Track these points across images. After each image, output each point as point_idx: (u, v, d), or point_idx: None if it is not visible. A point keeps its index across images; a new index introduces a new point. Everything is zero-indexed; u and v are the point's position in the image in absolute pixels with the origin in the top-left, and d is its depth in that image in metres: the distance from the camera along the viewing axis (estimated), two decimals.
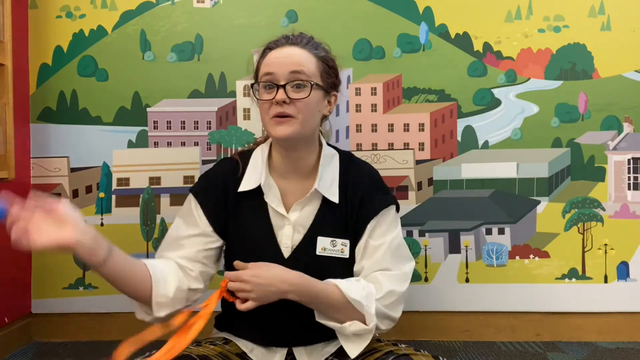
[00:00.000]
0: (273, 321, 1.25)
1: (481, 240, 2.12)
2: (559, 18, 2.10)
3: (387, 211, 1.29)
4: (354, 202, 1.28)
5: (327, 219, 1.27)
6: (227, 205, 1.30)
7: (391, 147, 2.13)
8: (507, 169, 2.12)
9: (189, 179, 2.13)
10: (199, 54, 2.13)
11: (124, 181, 2.14)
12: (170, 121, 2.14)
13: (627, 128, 2.10)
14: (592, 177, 2.11)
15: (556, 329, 2.11)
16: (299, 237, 1.26)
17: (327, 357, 1.28)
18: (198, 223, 1.29)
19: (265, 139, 1.38)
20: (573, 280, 2.11)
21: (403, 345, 1.28)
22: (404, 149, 2.13)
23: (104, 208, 2.14)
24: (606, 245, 2.10)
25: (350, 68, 2.11)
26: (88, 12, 2.13)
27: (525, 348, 2.04)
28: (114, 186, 2.14)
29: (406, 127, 2.13)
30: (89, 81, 2.13)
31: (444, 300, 2.12)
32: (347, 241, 1.27)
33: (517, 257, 2.11)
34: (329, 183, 1.28)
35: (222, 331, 1.36)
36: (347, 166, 1.32)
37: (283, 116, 1.20)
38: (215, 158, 2.13)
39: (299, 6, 2.11)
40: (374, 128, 2.14)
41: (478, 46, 2.11)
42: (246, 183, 1.29)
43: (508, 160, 2.11)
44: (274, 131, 1.21)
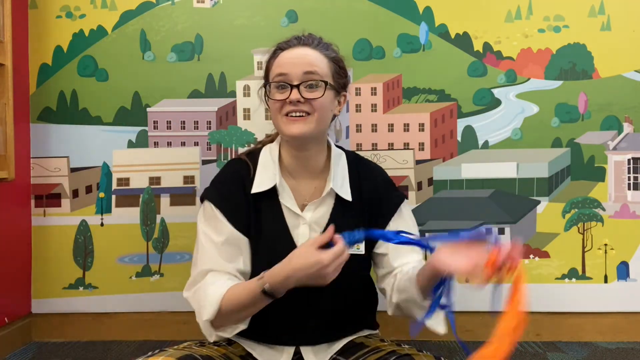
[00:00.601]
0: (281, 321, 1.25)
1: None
2: (559, 18, 2.10)
3: (404, 206, 1.35)
4: (369, 200, 1.31)
5: (343, 217, 1.28)
6: (246, 206, 1.28)
7: (391, 147, 2.13)
8: (507, 169, 2.12)
9: (189, 179, 2.13)
10: (199, 54, 2.13)
11: (124, 181, 2.14)
12: (170, 121, 2.14)
13: (627, 128, 2.10)
14: (592, 177, 2.11)
15: (556, 329, 2.11)
16: (314, 236, 1.26)
17: (332, 356, 1.29)
18: (223, 229, 1.26)
19: (271, 139, 1.38)
20: (573, 280, 2.11)
21: (405, 345, 1.29)
22: (404, 149, 2.13)
23: (104, 208, 2.14)
24: (606, 245, 2.11)
25: (350, 68, 2.09)
26: (88, 12, 2.13)
27: (525, 348, 2.04)
28: (114, 186, 2.14)
29: (406, 127, 2.13)
30: (89, 81, 2.13)
31: None
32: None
33: None
34: (341, 182, 1.30)
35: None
36: (357, 165, 1.36)
37: (297, 114, 1.22)
38: (215, 158, 2.13)
39: (299, 6, 2.11)
40: (374, 128, 2.14)
41: (478, 46, 2.11)
42: (259, 184, 1.28)
43: (508, 160, 2.12)
44: (288, 129, 1.22)
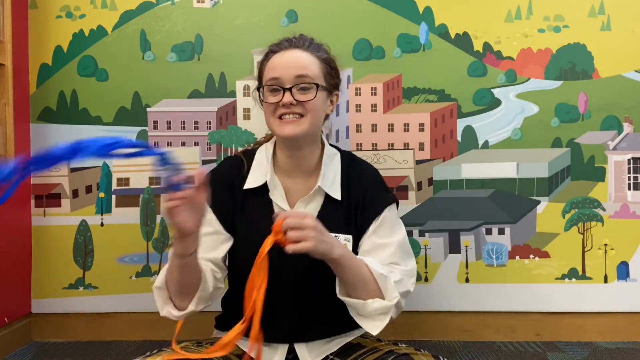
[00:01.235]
0: (275, 317, 1.26)
1: (481, 240, 2.12)
2: (559, 18, 2.10)
3: (390, 209, 1.33)
4: (357, 200, 1.32)
5: (330, 215, 1.29)
6: (234, 202, 1.32)
7: (391, 147, 2.13)
8: (507, 169, 2.12)
9: (189, 179, 2.13)
10: (199, 54, 2.13)
11: (124, 181, 2.14)
12: (170, 121, 2.14)
13: (627, 128, 2.10)
14: (592, 177, 2.11)
15: (556, 329, 2.11)
16: None
17: (328, 355, 1.29)
18: (212, 222, 1.30)
19: (267, 139, 1.41)
20: (573, 280, 2.11)
21: (403, 345, 1.29)
22: (404, 149, 2.13)
23: (104, 208, 2.14)
24: (606, 245, 2.10)
25: (350, 68, 2.11)
26: (88, 12, 2.13)
27: (525, 348, 2.03)
28: (114, 186, 2.14)
29: (406, 127, 2.13)
30: (89, 81, 2.13)
31: (444, 300, 2.12)
32: (350, 237, 1.30)
33: (517, 257, 2.11)
34: (331, 181, 1.32)
35: (223, 331, 1.36)
36: (349, 165, 1.37)
37: (290, 116, 1.25)
38: (215, 158, 2.13)
39: (299, 6, 2.11)
40: (374, 128, 2.14)
41: (478, 46, 2.11)
42: (252, 180, 1.33)
43: (508, 160, 2.11)
44: (282, 131, 1.26)
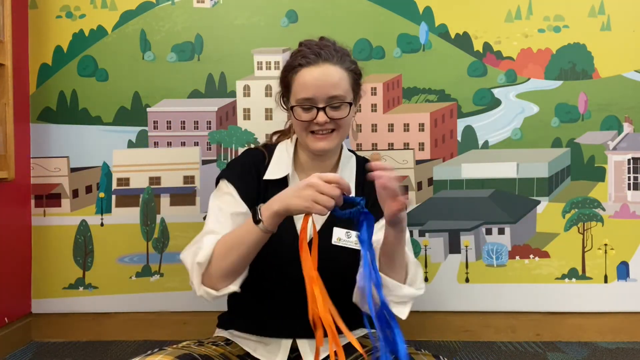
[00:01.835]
0: (278, 312, 1.27)
1: (481, 240, 2.12)
2: (559, 18, 2.10)
3: None
4: (369, 200, 1.32)
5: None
6: (258, 189, 1.35)
7: (391, 147, 2.13)
8: (507, 169, 2.12)
9: (189, 179, 2.13)
10: (199, 54, 2.13)
11: (124, 181, 2.14)
12: (170, 121, 2.14)
13: (627, 128, 2.10)
14: (592, 177, 2.11)
15: (556, 329, 2.11)
16: (317, 227, 1.28)
17: (329, 354, 1.29)
18: (241, 204, 1.32)
19: (284, 135, 1.47)
20: (573, 280, 2.11)
21: (404, 345, 1.29)
22: (404, 149, 2.13)
23: (104, 208, 2.14)
24: (606, 245, 2.10)
25: None
26: (88, 12, 2.13)
27: (525, 348, 2.04)
28: (114, 186, 2.14)
29: (406, 127, 2.13)
30: (89, 81, 2.13)
31: (444, 300, 2.12)
32: (353, 232, 1.32)
33: (517, 257, 2.11)
34: (347, 180, 1.32)
35: (226, 329, 1.37)
36: (363, 167, 1.39)
37: (324, 133, 1.30)
38: (215, 158, 2.13)
39: (299, 6, 2.11)
40: (374, 128, 2.14)
41: (478, 46, 2.11)
42: (272, 172, 1.36)
43: (508, 160, 2.11)
44: (315, 146, 1.31)
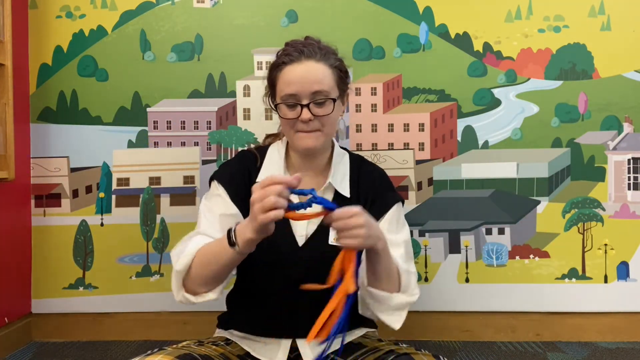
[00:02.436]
0: (277, 312, 1.27)
1: (481, 240, 2.12)
2: (559, 18, 2.10)
3: (397, 206, 1.37)
4: (366, 197, 1.35)
5: None
6: (248, 192, 1.32)
7: (391, 147, 2.13)
8: (507, 169, 2.12)
9: (189, 179, 2.13)
10: (199, 54, 2.13)
11: (124, 181, 2.14)
12: (170, 121, 2.14)
13: (627, 128, 2.10)
14: (592, 177, 2.11)
15: (556, 329, 2.11)
16: (313, 228, 1.31)
17: (329, 354, 1.29)
18: (230, 206, 1.32)
19: (277, 137, 1.46)
20: (573, 280, 2.11)
21: (404, 345, 1.29)
22: (404, 149, 2.13)
23: (104, 208, 2.14)
24: (606, 245, 2.10)
25: (350, 68, 2.09)
26: (88, 12, 2.13)
27: (525, 348, 2.04)
28: (114, 186, 2.14)
29: (406, 127, 2.13)
30: (89, 81, 2.13)
31: (444, 300, 2.12)
32: None
33: (517, 257, 2.11)
34: (341, 178, 1.36)
35: (226, 329, 1.37)
36: (359, 165, 1.42)
37: (310, 130, 1.29)
38: (215, 158, 2.13)
39: (299, 6, 2.11)
40: (374, 128, 2.14)
41: (478, 46, 2.11)
42: (264, 174, 1.36)
43: (508, 160, 2.11)
44: (302, 144, 1.30)
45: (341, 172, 1.37)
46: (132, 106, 2.13)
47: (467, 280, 2.12)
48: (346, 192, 1.34)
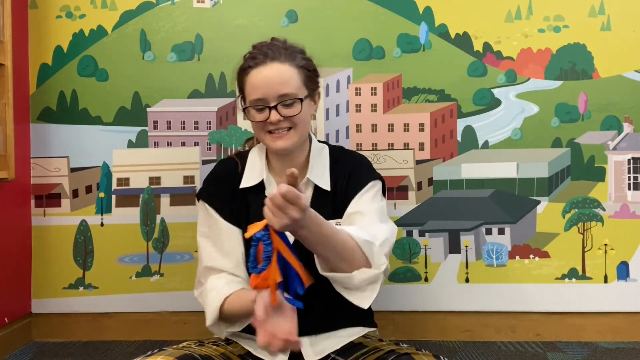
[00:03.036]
0: None
1: (481, 240, 2.12)
2: (559, 18, 2.10)
3: (373, 184, 1.35)
4: (342, 185, 1.35)
5: (320, 205, 1.30)
6: (235, 200, 1.36)
7: (391, 147, 2.13)
8: (507, 169, 2.12)
9: (189, 179, 2.13)
10: (199, 54, 2.13)
11: (124, 181, 2.14)
12: (170, 121, 2.14)
13: (627, 128, 2.10)
14: (592, 177, 2.11)
15: (556, 329, 2.11)
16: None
17: (330, 354, 1.29)
18: (217, 224, 1.34)
19: (258, 141, 1.45)
20: (573, 280, 2.11)
21: (404, 345, 1.29)
22: (404, 149, 2.13)
23: (104, 208, 2.14)
24: (606, 245, 2.10)
25: (350, 68, 2.11)
26: (88, 12, 2.13)
27: (525, 348, 2.04)
28: (114, 186, 2.14)
29: (406, 127, 2.13)
30: (89, 81, 2.13)
31: (444, 300, 2.12)
32: (340, 220, 1.33)
33: (517, 257, 2.11)
34: (321, 172, 1.36)
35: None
36: (337, 156, 1.41)
37: (280, 131, 1.29)
38: (215, 158, 2.13)
39: (299, 6, 2.11)
40: (374, 128, 2.14)
41: (478, 46, 2.11)
42: (247, 180, 1.37)
43: (508, 160, 2.11)
44: (273, 144, 1.30)
45: (320, 167, 1.37)
46: (132, 106, 2.13)
47: (467, 280, 2.12)
48: (326, 186, 1.34)
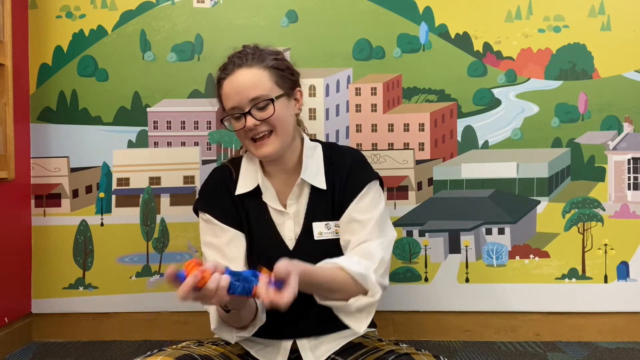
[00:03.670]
0: (277, 313, 1.27)
1: (481, 240, 2.12)
2: (559, 18, 2.10)
3: (370, 185, 1.34)
4: (340, 183, 1.34)
5: (318, 205, 1.33)
6: (235, 205, 1.35)
7: (391, 147, 2.13)
8: (507, 169, 2.12)
9: (189, 179, 2.13)
10: (199, 54, 2.13)
11: (124, 181, 2.14)
12: (170, 121, 2.14)
13: (627, 128, 2.10)
14: (592, 177, 2.11)
15: (556, 329, 2.11)
16: (299, 229, 1.32)
17: (330, 355, 1.29)
18: (222, 232, 1.33)
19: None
20: (573, 280, 2.11)
21: (404, 345, 1.29)
22: (404, 149, 2.13)
23: (104, 208, 2.14)
24: (606, 245, 2.10)
25: (350, 68, 2.11)
26: (88, 12, 2.13)
27: (525, 348, 2.04)
28: (114, 186, 2.14)
29: (406, 127, 2.13)
30: (89, 81, 2.13)
31: (444, 300, 2.12)
32: (338, 222, 1.32)
33: (517, 257, 2.11)
34: (315, 172, 1.35)
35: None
36: (330, 153, 1.39)
37: (260, 135, 1.28)
38: (215, 158, 2.13)
39: (299, 6, 2.11)
40: (374, 128, 2.14)
41: (478, 46, 2.11)
42: (242, 186, 1.36)
43: (508, 160, 2.11)
44: (258, 152, 1.30)
45: (314, 166, 1.35)
46: (132, 106, 2.13)
47: (467, 280, 2.12)
48: (322, 185, 1.33)
